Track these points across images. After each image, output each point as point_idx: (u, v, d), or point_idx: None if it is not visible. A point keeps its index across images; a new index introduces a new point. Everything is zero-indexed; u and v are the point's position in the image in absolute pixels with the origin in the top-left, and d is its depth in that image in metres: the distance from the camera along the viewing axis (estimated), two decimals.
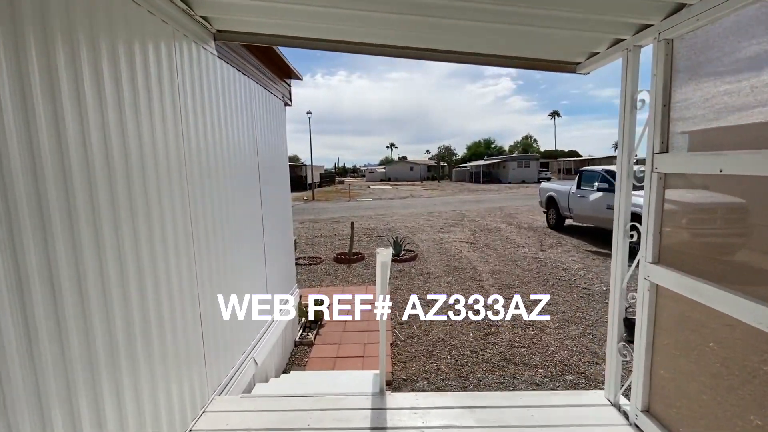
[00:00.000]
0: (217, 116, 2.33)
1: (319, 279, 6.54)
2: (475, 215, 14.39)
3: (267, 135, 3.36)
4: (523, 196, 23.08)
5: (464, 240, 9.52)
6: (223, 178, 2.40)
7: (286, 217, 4.15)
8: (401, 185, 43.95)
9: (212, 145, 2.24)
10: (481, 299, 5.24)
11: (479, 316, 4.73)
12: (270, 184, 3.41)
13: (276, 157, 3.64)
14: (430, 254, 8.04)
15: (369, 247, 8.92)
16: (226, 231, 2.45)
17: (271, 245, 3.37)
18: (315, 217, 15.22)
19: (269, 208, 3.38)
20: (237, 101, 2.66)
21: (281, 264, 3.72)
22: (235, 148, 2.57)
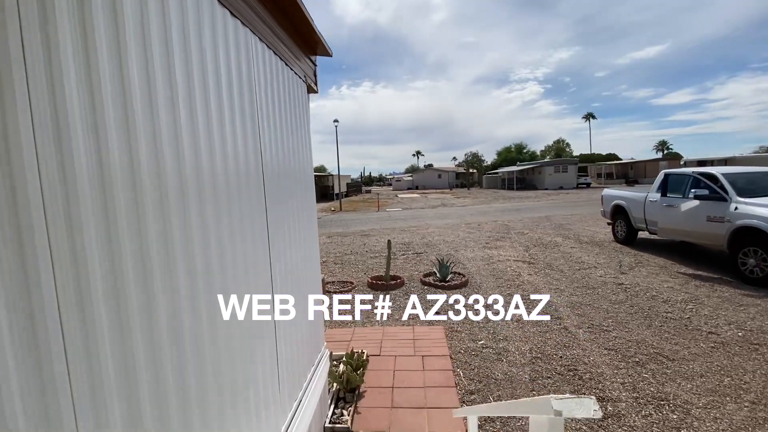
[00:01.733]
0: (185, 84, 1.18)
1: (352, 312, 5.32)
2: (520, 226, 12.83)
3: (280, 128, 2.20)
4: (566, 204, 21.14)
5: (519, 258, 8.06)
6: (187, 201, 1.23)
7: (312, 251, 2.93)
8: (430, 193, 42.50)
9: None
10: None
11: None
12: (283, 202, 2.23)
13: (294, 163, 2.48)
14: (483, 278, 6.66)
15: (406, 268, 7.65)
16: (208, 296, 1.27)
17: (286, 309, 2.17)
18: (343, 230, 14.13)
19: (284, 241, 2.20)
20: (229, 69, 1.52)
21: (302, 333, 2.51)
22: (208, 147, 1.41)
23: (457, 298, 5.61)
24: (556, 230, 11.66)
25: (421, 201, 30.22)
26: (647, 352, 3.86)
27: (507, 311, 5.05)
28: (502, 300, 5.48)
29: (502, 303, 5.36)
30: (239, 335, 1.54)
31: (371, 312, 5.27)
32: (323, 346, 3.14)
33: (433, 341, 4.14)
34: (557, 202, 23.19)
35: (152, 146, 1.06)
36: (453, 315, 5.00)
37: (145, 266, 1.01)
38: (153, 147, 1.06)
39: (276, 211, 2.08)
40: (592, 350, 3.92)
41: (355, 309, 5.39)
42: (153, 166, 1.06)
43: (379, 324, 4.86)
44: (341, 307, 5.44)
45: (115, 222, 0.92)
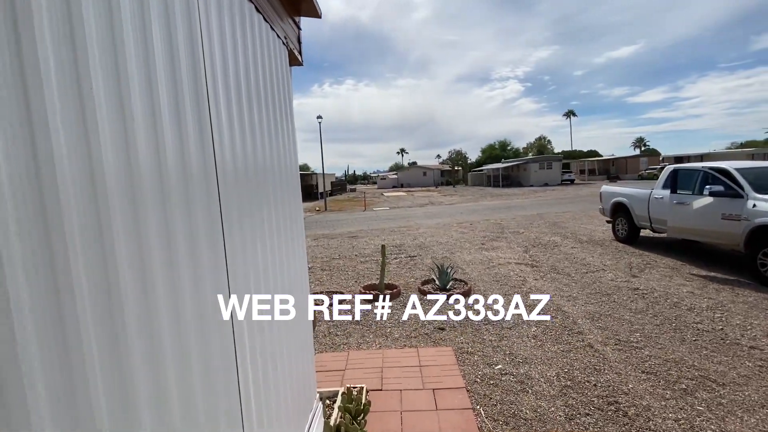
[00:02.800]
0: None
1: (344, 329, 4.65)
2: (514, 225, 12.38)
3: (249, 110, 1.52)
4: (555, 201, 20.93)
5: (520, 261, 7.53)
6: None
7: (302, 282, 2.23)
8: (416, 191, 42.05)
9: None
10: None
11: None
12: (256, 215, 1.55)
13: (272, 158, 1.79)
14: (486, 285, 6.08)
15: (401, 274, 7.01)
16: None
17: (263, 378, 1.48)
18: (330, 232, 13.39)
19: (254, 278, 1.51)
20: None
21: (288, 391, 1.83)
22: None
23: (461, 308, 5.00)
24: (552, 229, 11.24)
25: (408, 199, 29.67)
26: (691, 375, 3.33)
27: (523, 324, 4.47)
28: (504, 304, 4.90)
29: (511, 311, 4.78)
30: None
31: (364, 331, 4.61)
32: (315, 398, 2.46)
33: (443, 368, 3.52)
34: (545, 199, 23.00)
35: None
36: (460, 334, 4.39)
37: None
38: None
39: (242, 230, 1.39)
40: (628, 374, 3.37)
41: (350, 327, 4.71)
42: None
43: (377, 343, 4.21)
44: (333, 329, 4.76)
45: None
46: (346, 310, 5.23)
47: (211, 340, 1.12)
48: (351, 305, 5.41)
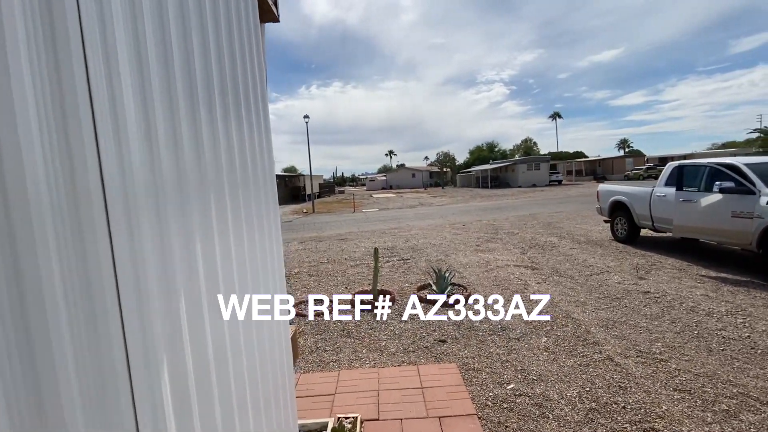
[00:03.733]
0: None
1: (333, 342, 4.14)
2: (508, 226, 12.04)
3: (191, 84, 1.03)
4: (546, 201, 20.77)
5: (519, 263, 7.14)
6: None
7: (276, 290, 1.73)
8: (405, 193, 41.70)
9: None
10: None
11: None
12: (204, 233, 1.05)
13: (231, 154, 1.30)
14: (486, 290, 5.65)
15: (394, 278, 6.54)
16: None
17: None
18: (318, 234, 12.84)
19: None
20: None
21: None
22: None
23: (462, 320, 4.55)
24: (547, 229, 10.93)
25: (398, 201, 29.25)
26: (729, 392, 2.93)
27: (530, 332, 4.04)
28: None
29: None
30: None
31: (357, 345, 4.11)
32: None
33: (449, 389, 3.05)
34: (536, 199, 22.85)
35: None
36: (463, 347, 3.93)
37: None
38: None
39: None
40: (659, 393, 2.96)
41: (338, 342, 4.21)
42: None
43: (371, 360, 3.72)
44: (321, 343, 4.24)
45: None
46: (340, 313, 4.72)
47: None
48: (339, 312, 4.90)
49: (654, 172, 38.29)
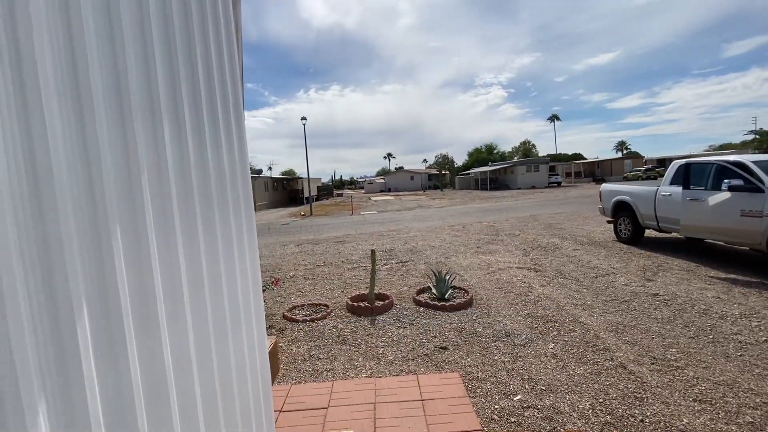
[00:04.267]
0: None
1: (327, 350, 3.91)
2: (508, 227, 11.83)
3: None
4: (546, 203, 20.60)
5: (522, 265, 6.92)
6: None
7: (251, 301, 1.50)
8: (403, 195, 41.52)
9: None
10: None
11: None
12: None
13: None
14: (489, 294, 5.43)
15: (392, 282, 6.32)
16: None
17: None
18: (315, 237, 12.61)
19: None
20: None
21: None
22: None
23: (464, 326, 4.33)
24: (548, 230, 10.73)
25: (397, 203, 29.04)
26: (752, 402, 2.72)
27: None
28: (524, 328, 4.25)
29: (526, 335, 4.13)
30: None
31: (352, 352, 3.88)
32: None
33: (451, 402, 2.82)
34: (536, 201, 22.68)
35: None
36: (466, 354, 3.71)
37: None
38: None
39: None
40: (678, 404, 2.74)
41: (334, 353, 3.98)
42: None
43: (367, 369, 3.49)
44: (315, 351, 4.01)
45: None
46: (330, 327, 4.50)
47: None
48: (336, 320, 4.68)
49: (653, 173, 38.21)
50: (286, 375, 3.47)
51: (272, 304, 5.47)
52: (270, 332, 4.42)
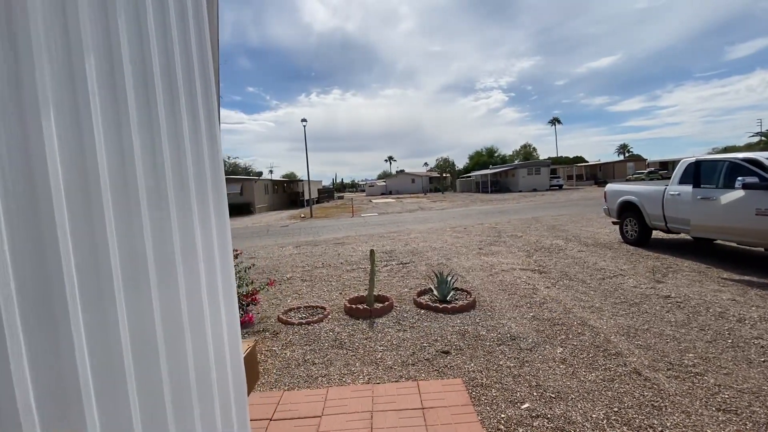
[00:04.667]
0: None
1: (323, 354, 3.71)
2: (510, 229, 11.62)
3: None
4: (548, 205, 20.39)
5: (525, 267, 6.72)
6: None
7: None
8: (404, 198, 41.36)
9: None
10: None
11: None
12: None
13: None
14: (492, 295, 5.22)
15: (393, 283, 6.11)
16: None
17: None
18: (314, 238, 12.42)
19: None
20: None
21: None
22: None
23: (467, 329, 4.13)
24: (551, 232, 10.51)
25: (398, 205, 28.85)
26: None
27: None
28: (530, 331, 4.04)
29: (533, 339, 3.92)
30: None
31: (349, 357, 3.68)
32: None
33: (454, 411, 2.62)
34: (537, 203, 22.46)
35: None
36: (469, 358, 3.50)
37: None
38: None
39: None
40: (701, 414, 2.53)
41: (329, 358, 3.78)
42: None
43: (365, 374, 3.29)
44: (310, 355, 3.80)
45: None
46: (326, 330, 4.30)
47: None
48: (333, 323, 4.47)
49: (655, 176, 38.00)
50: (278, 381, 3.26)
51: (267, 307, 5.27)
52: (263, 336, 4.23)
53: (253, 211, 29.43)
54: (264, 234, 14.99)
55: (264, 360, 3.64)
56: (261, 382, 3.24)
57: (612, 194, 8.74)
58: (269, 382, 3.26)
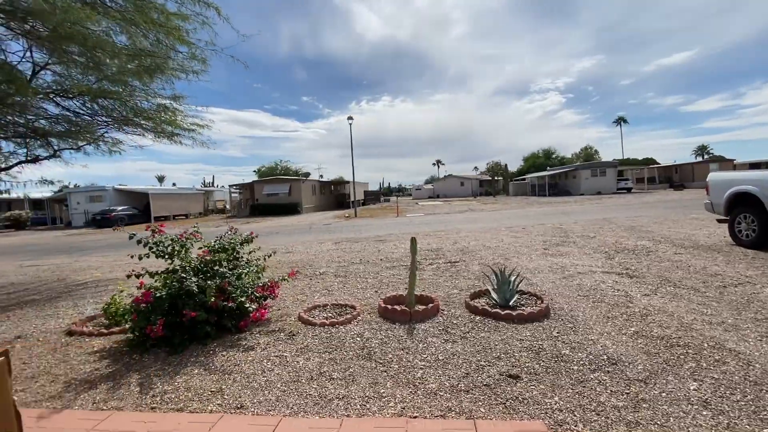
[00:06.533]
0: None
1: (345, 367, 2.81)
2: (579, 230, 10.03)
3: None
4: (619, 207, 18.04)
5: (609, 270, 5.36)
6: None
7: None
8: (453, 201, 39.76)
9: None
10: None
11: None
12: None
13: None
14: (571, 302, 4.03)
15: (439, 283, 5.09)
16: None
17: None
18: (355, 236, 11.69)
19: None
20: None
21: None
22: None
23: (542, 345, 3.02)
24: (632, 233, 8.83)
25: (445, 207, 27.52)
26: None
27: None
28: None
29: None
30: None
31: (379, 373, 2.74)
32: None
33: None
34: (605, 205, 20.05)
35: None
36: (550, 389, 2.42)
37: None
38: None
39: None
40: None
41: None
42: None
43: (397, 399, 2.34)
44: (328, 367, 2.92)
45: None
46: (353, 335, 3.40)
47: None
48: (363, 326, 3.57)
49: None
50: (280, 400, 2.42)
51: (291, 303, 4.52)
52: (277, 337, 3.43)
53: (300, 211, 29.67)
54: (306, 231, 14.60)
55: (269, 369, 2.83)
56: (254, 401, 2.41)
57: (718, 185, 7.00)
58: (268, 400, 2.42)
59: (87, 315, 4.45)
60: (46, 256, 11.53)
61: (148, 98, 7.45)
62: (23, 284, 6.97)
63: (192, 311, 3.28)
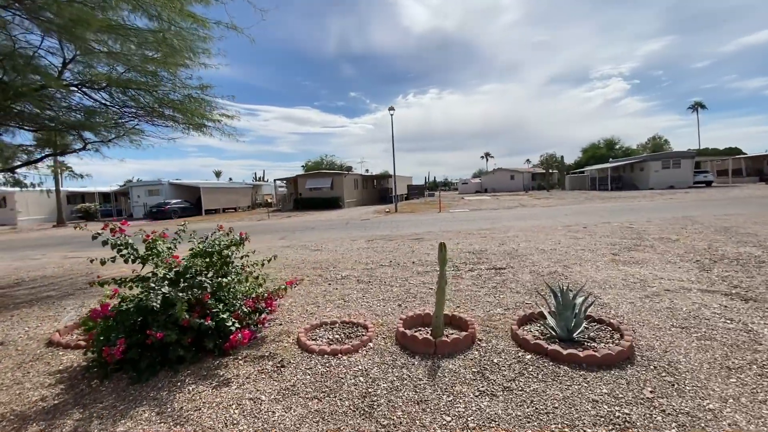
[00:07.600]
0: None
1: (334, 424, 1.99)
2: (656, 230, 8.39)
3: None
4: (701, 203, 15.52)
5: (710, 288, 4.05)
6: None
7: None
8: (502, 196, 37.55)
9: None
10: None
11: None
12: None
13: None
14: (663, 336, 2.89)
15: (478, 297, 4.10)
16: None
17: None
18: (390, 233, 10.87)
19: None
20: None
21: None
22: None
23: (630, 412, 1.99)
24: (728, 236, 7.12)
25: (493, 202, 25.81)
26: None
27: None
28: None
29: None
30: None
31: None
32: None
33: None
34: (683, 201, 17.42)
35: None
36: None
37: None
38: None
39: None
40: None
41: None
42: None
43: None
44: (311, 421, 2.13)
45: None
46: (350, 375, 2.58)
47: None
48: (372, 357, 2.73)
49: None
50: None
51: (298, 315, 3.80)
52: (264, 366, 2.70)
53: (342, 205, 29.43)
54: (341, 227, 14.04)
55: (233, 423, 2.09)
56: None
57: None
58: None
59: (75, 321, 4.06)
60: (91, 248, 12.01)
61: (176, 88, 7.21)
62: (53, 277, 6.99)
63: (160, 331, 2.65)
